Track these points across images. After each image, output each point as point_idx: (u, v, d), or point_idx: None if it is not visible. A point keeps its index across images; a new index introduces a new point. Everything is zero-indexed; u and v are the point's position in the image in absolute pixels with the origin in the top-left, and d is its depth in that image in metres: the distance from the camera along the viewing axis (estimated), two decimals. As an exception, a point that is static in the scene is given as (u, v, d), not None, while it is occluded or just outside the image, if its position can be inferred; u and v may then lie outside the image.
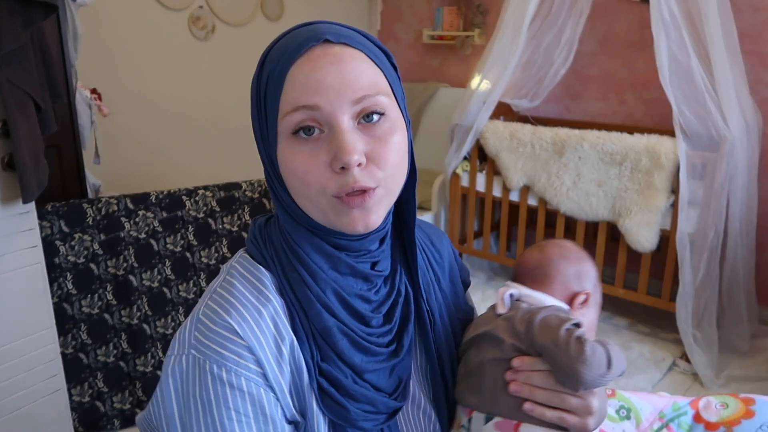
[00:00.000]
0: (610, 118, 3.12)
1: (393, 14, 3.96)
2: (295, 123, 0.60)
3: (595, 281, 0.85)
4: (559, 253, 0.84)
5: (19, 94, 1.45)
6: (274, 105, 0.62)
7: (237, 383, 0.60)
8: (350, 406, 0.64)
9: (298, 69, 0.60)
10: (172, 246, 2.03)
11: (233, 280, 0.66)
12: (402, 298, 0.72)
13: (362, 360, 0.66)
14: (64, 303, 1.89)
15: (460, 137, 3.00)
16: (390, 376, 0.69)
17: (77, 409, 1.91)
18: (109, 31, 2.73)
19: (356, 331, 0.66)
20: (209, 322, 0.62)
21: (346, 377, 0.65)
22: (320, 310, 0.65)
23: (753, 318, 2.59)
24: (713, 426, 0.91)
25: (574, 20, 2.88)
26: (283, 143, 0.62)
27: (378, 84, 0.62)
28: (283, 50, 0.62)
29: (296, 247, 0.66)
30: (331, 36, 0.61)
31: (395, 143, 0.63)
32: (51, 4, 1.46)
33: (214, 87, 3.20)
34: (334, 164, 0.60)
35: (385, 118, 0.62)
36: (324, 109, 0.59)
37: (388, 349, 0.69)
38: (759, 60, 2.60)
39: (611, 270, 2.88)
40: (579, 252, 0.86)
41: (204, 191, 2.08)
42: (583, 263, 0.84)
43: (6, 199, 1.53)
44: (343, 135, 0.59)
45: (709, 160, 2.26)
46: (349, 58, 0.61)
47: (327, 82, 0.59)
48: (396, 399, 0.69)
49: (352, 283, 0.68)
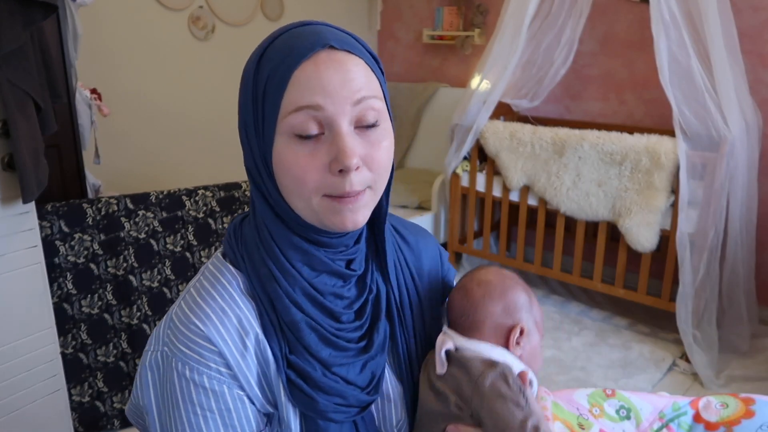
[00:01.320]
0: (610, 118, 3.12)
1: (393, 14, 3.96)
2: (297, 124, 0.62)
3: (526, 306, 0.81)
4: (482, 293, 0.80)
5: (19, 94, 1.45)
6: (274, 104, 0.63)
7: (200, 380, 0.65)
8: (319, 397, 0.67)
9: (303, 71, 0.62)
10: (172, 246, 2.03)
11: (204, 282, 0.71)
12: (373, 295, 0.74)
13: (330, 354, 0.69)
14: (64, 303, 1.89)
15: (460, 137, 3.00)
16: (362, 371, 0.71)
17: (77, 409, 1.91)
18: (109, 31, 2.73)
19: (324, 326, 0.69)
20: (178, 322, 0.67)
21: (315, 370, 0.68)
22: (288, 304, 0.67)
23: (753, 318, 2.59)
24: (713, 426, 0.91)
25: (574, 20, 2.88)
26: (281, 142, 0.64)
27: (375, 88, 0.66)
28: (287, 51, 0.63)
29: (272, 244, 0.69)
30: (335, 42, 0.63)
31: (386, 148, 0.67)
32: (51, 4, 1.46)
33: (214, 87, 3.20)
34: (334, 166, 0.62)
35: (379, 124, 0.66)
36: (326, 110, 0.62)
37: (358, 345, 0.71)
38: (759, 60, 2.60)
39: (611, 270, 2.88)
40: (502, 282, 0.82)
41: (204, 191, 2.08)
42: (508, 294, 0.81)
43: (6, 199, 1.53)
44: (344, 139, 0.62)
45: (709, 160, 2.26)
46: (353, 64, 0.64)
47: (331, 85, 0.62)
48: (368, 393, 0.71)
49: (326, 280, 0.71)
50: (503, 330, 0.79)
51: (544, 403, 0.87)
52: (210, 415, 0.65)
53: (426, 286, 0.83)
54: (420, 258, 0.84)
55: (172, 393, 0.65)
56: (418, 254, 0.84)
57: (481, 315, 0.79)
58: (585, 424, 0.99)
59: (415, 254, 0.83)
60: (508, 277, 0.83)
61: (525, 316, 0.80)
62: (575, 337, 2.66)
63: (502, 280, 0.82)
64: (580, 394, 1.09)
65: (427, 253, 0.85)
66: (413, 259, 0.83)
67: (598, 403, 1.05)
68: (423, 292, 0.82)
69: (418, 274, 0.82)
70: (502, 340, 0.78)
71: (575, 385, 2.30)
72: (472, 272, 0.84)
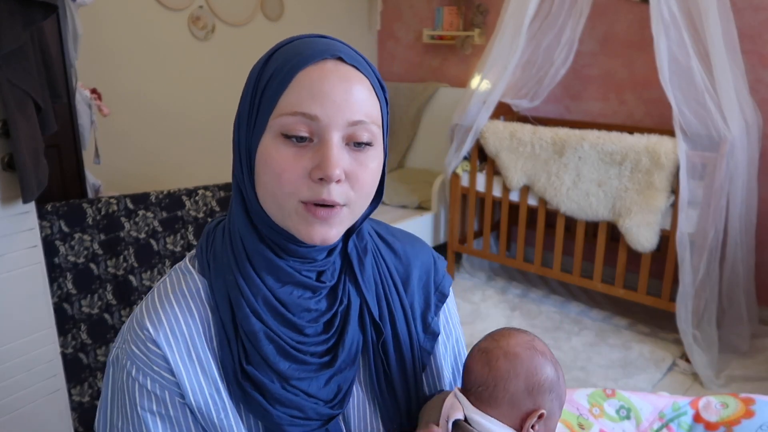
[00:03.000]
0: (610, 118, 3.12)
1: (393, 14, 3.96)
2: (288, 125, 0.62)
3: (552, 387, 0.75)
4: (507, 369, 0.73)
5: (19, 94, 1.45)
6: (272, 101, 0.62)
7: (143, 382, 0.66)
8: (273, 410, 0.66)
9: (307, 75, 0.61)
10: (172, 246, 2.03)
11: (168, 284, 0.71)
12: (343, 307, 0.72)
13: (289, 367, 0.67)
14: (64, 303, 1.89)
15: (460, 137, 3.00)
16: (326, 385, 0.69)
17: (77, 409, 1.91)
18: (109, 31, 2.73)
19: (284, 338, 0.67)
20: (135, 323, 0.68)
21: (273, 382, 0.66)
22: (248, 313, 0.66)
23: (753, 318, 2.59)
24: (713, 426, 0.91)
25: (574, 20, 2.88)
26: (268, 139, 0.63)
27: (374, 114, 0.65)
28: (295, 53, 0.63)
29: (241, 251, 0.68)
30: (345, 56, 0.63)
31: (373, 170, 0.66)
32: (51, 4, 1.46)
33: (213, 87, 3.20)
34: (315, 173, 0.61)
35: (373, 148, 0.65)
36: (321, 121, 0.61)
37: (321, 360, 0.69)
38: (759, 60, 2.60)
39: (611, 270, 2.88)
40: (531, 359, 0.74)
41: (204, 191, 2.08)
42: (535, 375, 0.74)
43: (6, 199, 1.53)
44: (331, 149, 0.61)
45: (709, 160, 2.26)
46: (357, 81, 0.63)
47: (332, 96, 0.61)
48: (333, 407, 0.69)
49: (292, 290, 0.69)
50: (521, 411, 0.73)
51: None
52: (151, 417, 0.65)
53: (414, 296, 0.79)
54: (408, 267, 0.80)
55: (121, 390, 0.67)
56: (407, 263, 0.80)
57: (501, 392, 0.73)
58: (585, 424, 0.99)
59: (403, 263, 0.80)
60: (539, 351, 0.76)
61: (548, 398, 0.74)
62: (575, 337, 2.66)
63: (532, 357, 0.75)
64: (580, 394, 1.09)
65: (418, 261, 0.81)
66: (400, 268, 0.79)
67: (598, 403, 1.05)
68: (408, 302, 0.78)
69: (403, 284, 0.78)
70: (517, 422, 0.73)
71: (575, 385, 2.30)
72: (499, 337, 0.77)
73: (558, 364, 0.77)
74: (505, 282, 3.24)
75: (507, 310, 2.93)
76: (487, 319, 2.83)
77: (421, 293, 0.81)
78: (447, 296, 0.83)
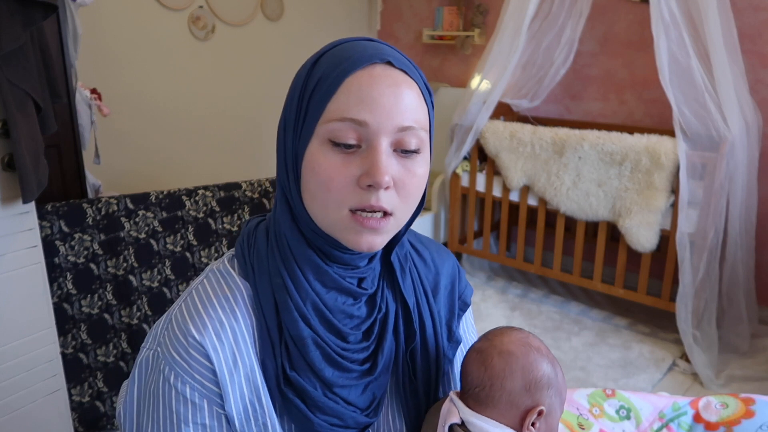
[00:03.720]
0: (610, 118, 3.12)
1: (393, 14, 3.96)
2: (336, 131, 0.61)
3: (551, 383, 0.73)
4: (502, 367, 0.72)
5: (19, 94, 1.45)
6: (319, 106, 0.61)
7: (182, 389, 0.63)
8: (315, 418, 0.65)
9: (356, 80, 0.60)
10: (172, 246, 2.03)
11: (207, 287, 0.69)
12: (381, 315, 0.72)
13: (333, 374, 0.67)
14: (64, 303, 1.89)
15: (460, 137, 3.00)
16: (363, 393, 0.69)
17: (77, 409, 1.91)
18: (109, 31, 2.73)
19: (331, 345, 0.67)
20: (176, 326, 0.66)
21: (316, 389, 0.66)
22: (296, 318, 0.65)
23: (753, 318, 2.59)
24: (713, 426, 0.91)
25: (574, 20, 2.88)
26: (316, 145, 0.62)
27: (422, 119, 0.64)
28: (343, 57, 0.62)
29: (288, 254, 0.67)
30: (394, 60, 0.62)
31: (420, 177, 0.64)
32: (51, 4, 1.46)
33: (214, 87, 3.20)
34: (363, 180, 0.61)
35: (421, 154, 0.64)
36: (370, 127, 0.60)
37: (362, 367, 0.69)
38: (759, 60, 2.60)
39: (611, 270, 2.88)
40: (527, 355, 0.73)
41: (204, 191, 2.08)
42: (531, 371, 0.72)
43: (6, 199, 1.53)
44: (380, 156, 0.60)
45: (709, 160, 2.26)
46: (406, 86, 0.62)
47: (381, 101, 0.60)
48: (368, 415, 0.69)
49: (336, 297, 0.68)
50: (520, 409, 0.72)
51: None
52: (185, 427, 0.63)
53: (441, 304, 0.80)
54: (437, 276, 0.80)
55: (154, 394, 0.65)
56: (435, 272, 0.81)
57: (498, 391, 0.71)
58: (585, 424, 0.99)
59: (432, 272, 0.80)
60: (534, 347, 0.74)
61: (547, 395, 0.73)
62: (575, 337, 2.66)
63: (527, 353, 0.73)
64: (580, 394, 1.09)
65: (445, 270, 0.82)
66: (429, 277, 0.80)
67: (598, 403, 1.05)
68: (437, 310, 0.78)
69: (433, 292, 0.79)
70: (517, 420, 0.72)
71: (575, 385, 2.30)
72: (493, 336, 0.76)
73: (555, 360, 0.76)
74: (505, 282, 3.24)
75: (507, 310, 2.93)
76: (487, 319, 2.83)
77: (447, 302, 0.81)
78: (468, 306, 0.84)
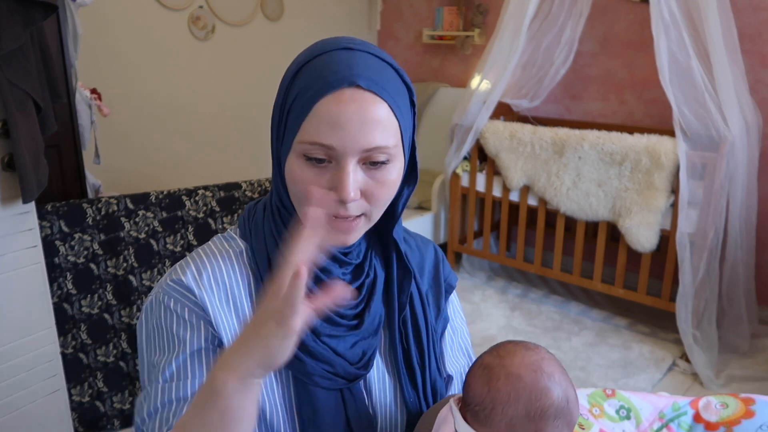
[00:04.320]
0: (610, 118, 3.12)
1: (393, 14, 3.96)
2: (308, 151, 0.67)
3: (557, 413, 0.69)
4: (508, 392, 0.68)
5: (19, 94, 1.45)
6: (294, 126, 0.67)
7: (180, 312, 0.71)
8: (306, 359, 0.71)
9: (325, 106, 0.65)
10: (172, 246, 2.03)
11: (211, 245, 0.78)
12: (369, 280, 0.78)
13: (321, 324, 0.73)
14: (64, 303, 1.89)
15: (460, 137, 3.00)
16: (352, 347, 0.75)
17: (77, 409, 1.91)
18: (109, 31, 2.73)
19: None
20: (178, 268, 0.75)
21: (306, 335, 0.71)
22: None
23: (753, 318, 2.59)
24: (713, 426, 0.91)
25: (574, 20, 2.88)
26: (293, 158, 0.68)
27: (392, 137, 0.68)
28: (318, 77, 0.66)
29: (279, 222, 0.75)
30: (363, 81, 0.65)
31: (391, 184, 0.70)
32: (51, 4, 1.46)
33: (213, 87, 3.20)
34: (332, 194, 0.67)
35: (388, 164, 0.69)
36: (337, 150, 0.65)
37: (350, 322, 0.75)
38: (759, 60, 2.60)
39: (611, 270, 2.88)
40: (536, 382, 0.68)
41: (204, 191, 2.08)
42: (538, 400, 0.68)
43: (6, 199, 1.53)
44: (347, 176, 0.66)
45: (709, 160, 2.26)
46: (373, 108, 0.65)
47: (348, 127, 0.64)
48: (358, 368, 0.75)
49: (323, 258, 0.73)
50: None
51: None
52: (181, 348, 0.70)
53: (427, 285, 0.86)
54: (423, 259, 0.87)
55: (158, 326, 0.72)
56: (420, 256, 0.87)
57: (499, 415, 0.68)
58: (585, 424, 0.99)
59: (417, 256, 0.86)
60: (546, 373, 0.69)
61: (553, 425, 0.68)
62: (575, 337, 2.66)
63: (536, 380, 0.68)
64: (580, 394, 1.09)
65: (429, 255, 0.89)
66: (415, 260, 0.85)
67: (598, 403, 1.05)
68: (424, 289, 0.84)
69: (419, 273, 0.84)
70: None
71: (575, 385, 2.30)
72: (505, 354, 0.72)
73: (570, 385, 0.71)
74: (505, 282, 3.24)
75: (507, 310, 2.93)
76: (487, 319, 2.83)
77: (433, 283, 0.87)
78: (453, 288, 0.90)
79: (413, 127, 0.74)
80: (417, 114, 0.75)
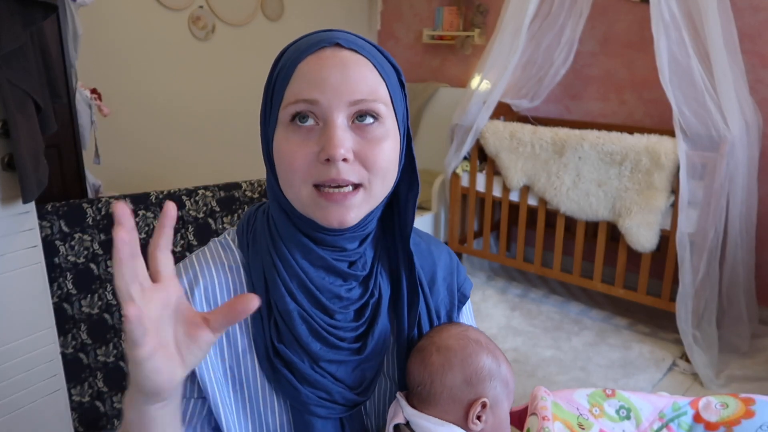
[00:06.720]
0: (610, 118, 3.12)
1: (393, 14, 3.96)
2: (293, 111, 0.65)
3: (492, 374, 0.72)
4: (441, 362, 0.71)
5: (19, 94, 1.45)
6: (279, 95, 0.66)
7: None
8: (302, 388, 0.68)
9: (306, 65, 0.64)
10: (172, 246, 2.03)
11: (206, 254, 0.74)
12: (374, 300, 0.73)
13: (320, 349, 0.69)
14: (64, 303, 1.89)
15: (460, 137, 3.00)
16: (353, 371, 0.71)
17: (77, 409, 1.91)
18: (109, 31, 2.73)
19: (317, 320, 0.69)
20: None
21: (303, 362, 0.69)
22: (283, 293, 0.69)
23: (753, 318, 2.59)
24: (713, 426, 0.91)
25: (574, 20, 2.88)
26: (281, 130, 0.66)
27: (378, 92, 0.65)
28: (296, 48, 0.67)
29: (276, 234, 0.71)
30: (342, 41, 0.65)
31: (384, 148, 0.66)
32: (51, 4, 1.46)
33: (214, 87, 3.20)
34: (321, 155, 0.63)
35: (379, 123, 0.66)
36: (322, 105, 0.63)
37: (352, 345, 0.71)
38: (759, 60, 2.60)
39: (611, 270, 2.88)
40: (464, 348, 0.72)
41: (204, 191, 2.08)
42: (470, 363, 0.72)
43: (6, 199, 1.53)
44: (334, 130, 0.63)
45: (709, 160, 2.26)
46: (354, 63, 0.65)
47: (330, 80, 0.63)
48: (358, 394, 0.71)
49: (324, 276, 0.71)
50: (463, 404, 0.71)
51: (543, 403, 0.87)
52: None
53: (440, 294, 0.81)
54: (434, 267, 0.81)
55: None
56: (432, 262, 0.81)
57: (438, 387, 0.71)
58: (585, 424, 0.99)
59: (428, 262, 0.81)
60: (472, 339, 0.74)
61: (489, 386, 0.72)
62: (575, 337, 2.66)
63: (464, 346, 0.73)
64: (580, 394, 1.09)
65: (442, 261, 0.83)
66: (426, 267, 0.81)
67: (598, 403, 1.05)
68: (433, 302, 0.80)
69: (429, 283, 0.80)
70: (461, 415, 0.71)
71: (575, 385, 2.30)
72: (433, 333, 0.76)
73: (498, 351, 0.75)
74: (505, 282, 3.24)
75: (507, 310, 2.93)
76: (487, 319, 2.83)
77: (446, 293, 0.82)
78: (467, 298, 0.85)
79: (406, 111, 0.72)
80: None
